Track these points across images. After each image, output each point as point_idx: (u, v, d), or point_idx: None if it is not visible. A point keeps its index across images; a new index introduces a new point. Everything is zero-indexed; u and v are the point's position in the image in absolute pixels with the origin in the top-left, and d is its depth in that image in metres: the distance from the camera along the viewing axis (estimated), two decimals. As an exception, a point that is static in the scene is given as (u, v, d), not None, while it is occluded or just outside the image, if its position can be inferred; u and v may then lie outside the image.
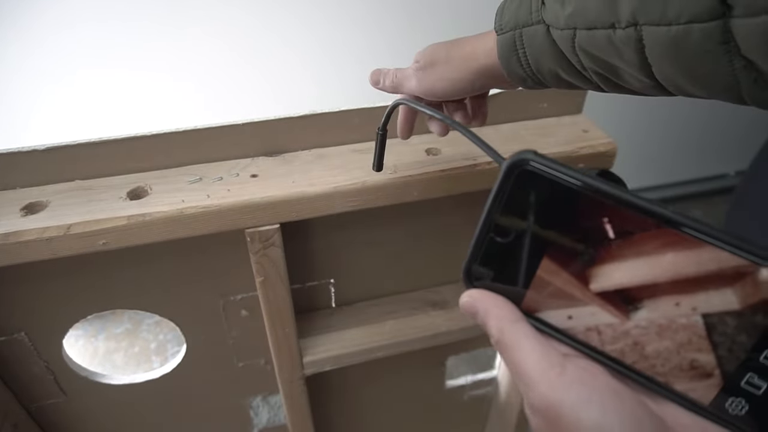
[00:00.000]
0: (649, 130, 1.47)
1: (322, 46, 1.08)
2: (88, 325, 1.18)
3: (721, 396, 0.23)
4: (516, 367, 0.25)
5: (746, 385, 0.22)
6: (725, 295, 0.22)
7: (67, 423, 0.59)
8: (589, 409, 0.22)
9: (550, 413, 0.23)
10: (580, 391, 0.23)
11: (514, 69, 0.36)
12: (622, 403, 0.23)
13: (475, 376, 0.79)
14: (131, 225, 0.43)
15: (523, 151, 0.25)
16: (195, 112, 1.09)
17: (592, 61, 0.31)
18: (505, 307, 0.27)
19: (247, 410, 0.67)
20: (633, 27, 0.28)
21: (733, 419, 0.23)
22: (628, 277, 0.24)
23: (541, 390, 0.23)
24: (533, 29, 0.34)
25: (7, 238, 0.41)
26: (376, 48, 1.12)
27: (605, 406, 0.22)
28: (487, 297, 0.27)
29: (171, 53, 1.01)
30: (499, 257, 0.27)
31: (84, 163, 0.47)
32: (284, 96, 1.11)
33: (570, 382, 0.23)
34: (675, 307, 0.23)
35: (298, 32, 1.06)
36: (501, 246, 0.27)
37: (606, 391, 0.23)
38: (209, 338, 0.57)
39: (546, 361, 0.24)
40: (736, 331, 0.22)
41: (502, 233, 0.27)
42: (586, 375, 0.24)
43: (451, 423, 0.84)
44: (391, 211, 0.51)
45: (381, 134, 0.44)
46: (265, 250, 0.48)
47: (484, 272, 0.28)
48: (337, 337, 0.59)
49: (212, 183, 0.47)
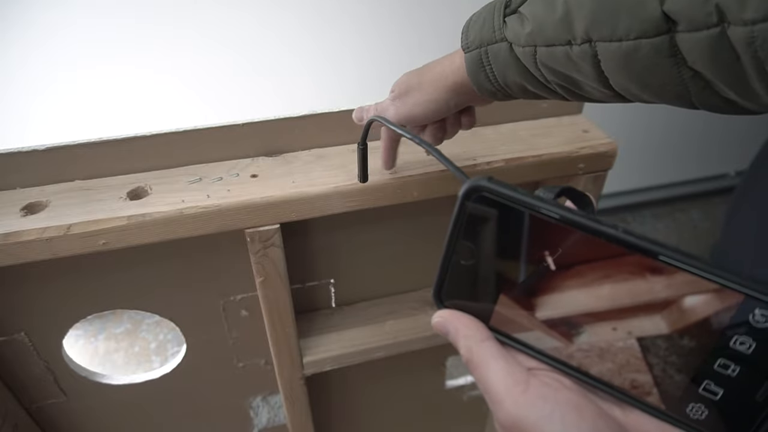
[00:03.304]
0: (649, 130, 1.47)
1: (322, 46, 1.08)
2: (88, 325, 1.18)
3: (682, 402, 0.24)
4: (484, 385, 0.26)
5: (704, 391, 0.24)
6: (655, 321, 0.24)
7: (67, 423, 0.59)
8: (551, 424, 0.23)
9: (516, 429, 0.24)
10: (542, 407, 0.24)
11: (483, 84, 0.38)
12: (582, 416, 0.24)
13: (475, 376, 0.79)
14: (131, 225, 0.43)
15: (478, 177, 0.26)
16: (195, 112, 1.09)
17: (553, 74, 0.33)
18: (473, 327, 0.28)
19: (247, 410, 0.67)
20: (587, 43, 0.30)
21: (695, 423, 0.24)
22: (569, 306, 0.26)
23: (507, 407, 0.25)
24: (497, 47, 0.36)
25: (7, 238, 0.41)
26: (376, 48, 1.12)
27: (566, 421, 0.23)
28: (456, 317, 0.29)
29: (171, 53, 1.01)
30: (465, 278, 0.28)
31: (84, 163, 0.47)
32: (284, 96, 1.11)
33: (533, 398, 0.24)
34: (612, 331, 0.25)
35: (298, 32, 1.06)
36: (466, 268, 0.28)
37: (567, 406, 0.24)
38: (209, 338, 0.57)
39: (511, 379, 0.25)
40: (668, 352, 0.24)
41: (464, 256, 0.28)
42: (549, 391, 0.25)
43: (451, 423, 0.84)
44: (391, 211, 0.51)
45: (362, 149, 0.46)
46: (265, 250, 0.48)
47: (452, 293, 0.29)
48: (337, 337, 0.59)
49: (212, 183, 0.47)
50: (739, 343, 0.22)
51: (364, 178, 0.48)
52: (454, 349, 0.26)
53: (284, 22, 1.04)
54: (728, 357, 0.23)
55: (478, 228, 0.27)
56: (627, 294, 0.24)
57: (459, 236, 0.27)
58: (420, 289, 0.65)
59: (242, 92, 1.09)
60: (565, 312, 0.26)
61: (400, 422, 0.80)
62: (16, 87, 0.97)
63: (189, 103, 1.08)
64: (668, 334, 0.24)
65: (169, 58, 1.01)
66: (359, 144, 0.45)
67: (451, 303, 0.29)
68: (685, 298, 0.23)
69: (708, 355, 0.23)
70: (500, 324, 0.28)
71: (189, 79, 1.04)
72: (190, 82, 1.05)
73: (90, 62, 0.97)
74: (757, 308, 0.22)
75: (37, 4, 0.90)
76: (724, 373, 0.23)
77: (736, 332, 0.22)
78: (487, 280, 0.28)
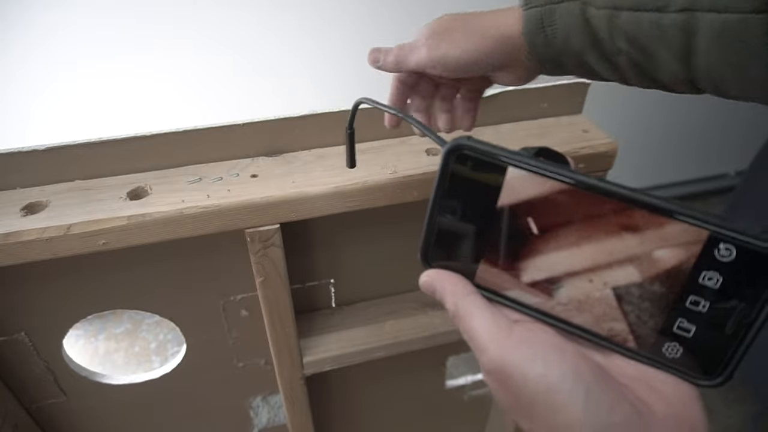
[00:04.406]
0: (649, 130, 1.47)
1: (322, 46, 1.08)
2: (88, 325, 1.18)
3: (658, 343, 0.25)
4: (470, 335, 0.27)
5: (678, 330, 0.25)
6: (629, 271, 0.25)
7: (67, 423, 0.59)
8: (533, 365, 0.24)
9: (501, 373, 0.25)
10: (525, 350, 0.25)
11: (538, 48, 0.34)
12: (564, 357, 0.24)
13: (475, 376, 0.79)
14: (131, 225, 0.43)
15: (459, 137, 0.27)
16: (195, 112, 1.09)
17: (629, 44, 0.31)
18: (458, 283, 0.29)
19: (247, 410, 0.67)
20: (686, 12, 0.27)
21: (671, 362, 0.25)
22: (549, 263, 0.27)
23: (491, 353, 0.25)
24: (565, 6, 0.32)
25: (7, 238, 0.41)
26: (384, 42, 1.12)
27: (548, 361, 0.24)
28: (442, 275, 0.30)
29: (171, 53, 1.01)
30: (449, 238, 0.29)
31: (84, 163, 0.47)
32: (284, 96, 1.11)
33: (516, 342, 0.25)
34: (589, 283, 0.26)
35: (298, 33, 1.06)
36: (450, 228, 0.29)
37: (549, 348, 0.25)
38: (209, 338, 0.57)
39: (495, 327, 0.26)
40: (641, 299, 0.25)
41: (448, 216, 0.29)
42: (531, 335, 0.26)
43: (451, 423, 0.84)
44: (391, 211, 0.51)
45: (349, 133, 0.44)
46: (265, 250, 0.48)
47: (438, 253, 0.30)
48: (337, 337, 0.59)
49: (212, 183, 0.47)
50: (707, 279, 0.24)
51: (353, 164, 0.46)
52: (455, 349, 0.27)
53: (284, 23, 1.04)
54: (698, 294, 0.24)
55: (461, 187, 0.28)
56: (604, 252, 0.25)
57: (442, 196, 0.29)
58: (420, 289, 0.65)
59: (242, 92, 1.09)
60: (545, 267, 0.27)
61: (400, 422, 0.80)
62: (17, 87, 0.97)
63: (189, 103, 1.08)
64: (641, 282, 0.25)
65: (169, 58, 1.01)
66: (347, 128, 0.44)
67: (437, 263, 0.30)
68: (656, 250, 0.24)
69: (679, 294, 0.24)
70: (484, 281, 0.29)
71: (189, 79, 1.04)
72: (190, 82, 1.05)
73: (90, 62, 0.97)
74: (722, 243, 0.23)
75: (37, 5, 0.90)
76: (695, 310, 0.24)
77: (704, 269, 0.24)
78: (470, 239, 0.29)
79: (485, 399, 0.83)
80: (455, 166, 0.27)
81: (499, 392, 0.26)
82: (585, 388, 0.23)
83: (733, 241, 0.23)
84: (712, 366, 0.25)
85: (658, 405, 0.24)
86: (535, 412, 0.24)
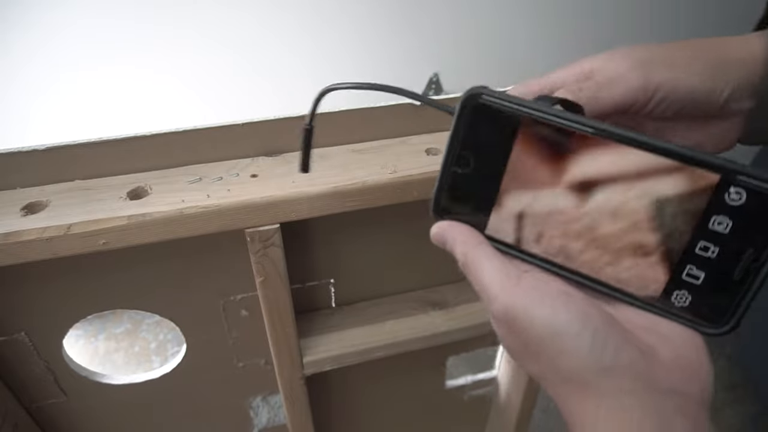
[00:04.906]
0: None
1: (321, 47, 1.08)
2: (88, 325, 1.18)
3: (667, 291, 0.25)
4: (479, 284, 0.27)
5: (687, 277, 0.25)
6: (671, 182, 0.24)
7: (67, 423, 0.59)
8: (541, 309, 0.25)
9: (508, 318, 0.26)
10: (533, 295, 0.25)
11: None
12: (572, 302, 0.25)
13: (475, 376, 0.79)
14: (131, 225, 0.43)
15: (476, 86, 0.27)
16: (194, 112, 1.09)
17: None
18: (469, 234, 0.29)
19: (247, 410, 0.67)
20: None
21: (679, 311, 0.26)
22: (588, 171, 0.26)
23: (500, 299, 0.26)
24: None
25: (7, 238, 0.41)
26: (375, 48, 1.12)
27: (555, 306, 0.25)
28: (453, 226, 0.30)
29: (171, 54, 1.01)
30: (462, 189, 0.30)
31: (84, 163, 0.47)
32: (284, 96, 1.11)
33: (525, 288, 0.26)
34: (627, 192, 0.25)
35: (297, 33, 1.06)
36: (463, 178, 0.29)
37: (556, 293, 0.25)
38: (209, 338, 0.57)
39: (504, 275, 0.27)
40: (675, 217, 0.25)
41: (463, 165, 0.29)
42: (539, 283, 0.26)
43: (451, 423, 0.84)
44: (391, 211, 0.51)
45: (307, 129, 0.38)
46: (265, 250, 0.48)
47: (450, 204, 0.30)
48: (337, 337, 0.59)
49: (212, 183, 0.47)
50: (717, 223, 0.24)
51: (306, 168, 0.40)
52: (455, 349, 0.27)
53: (284, 24, 1.04)
54: (708, 239, 0.24)
55: (477, 136, 0.28)
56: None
57: (457, 146, 0.29)
58: (420, 289, 0.65)
59: (242, 92, 1.09)
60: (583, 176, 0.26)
61: (400, 422, 0.80)
62: (18, 88, 0.97)
63: (189, 103, 1.08)
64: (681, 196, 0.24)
65: (169, 58, 1.01)
66: (306, 124, 0.38)
67: (449, 216, 0.31)
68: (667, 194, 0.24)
69: (689, 239, 0.25)
70: (495, 232, 0.29)
71: (189, 79, 1.05)
72: (190, 81, 1.05)
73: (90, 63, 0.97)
74: (732, 186, 0.23)
75: (37, 6, 0.90)
76: (704, 256, 0.24)
77: (714, 213, 0.24)
78: (483, 189, 0.29)
79: (485, 399, 0.83)
80: (472, 114, 0.27)
81: (507, 338, 0.27)
82: (592, 331, 0.24)
83: (743, 184, 0.23)
84: (719, 314, 0.25)
85: (664, 350, 0.24)
86: (543, 356, 0.25)
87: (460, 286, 0.64)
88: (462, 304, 0.62)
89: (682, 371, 0.24)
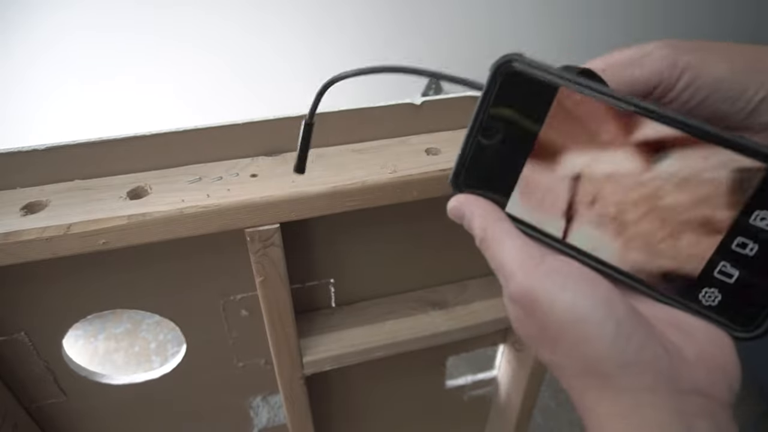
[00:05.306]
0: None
1: (322, 47, 1.08)
2: (88, 325, 1.18)
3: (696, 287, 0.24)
4: (497, 261, 0.26)
5: (719, 274, 0.23)
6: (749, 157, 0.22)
7: (67, 423, 0.59)
8: (563, 293, 0.23)
9: (526, 300, 0.24)
10: (554, 278, 0.24)
11: None
12: (597, 287, 0.23)
13: (475, 376, 0.79)
14: (131, 225, 0.43)
15: (508, 53, 0.26)
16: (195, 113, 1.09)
17: None
18: (489, 208, 0.28)
19: (247, 410, 0.67)
20: None
21: (705, 310, 0.24)
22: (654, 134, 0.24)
23: (519, 279, 0.24)
24: None
25: (7, 238, 0.41)
26: (374, 48, 1.12)
27: (579, 291, 0.23)
28: (473, 200, 0.28)
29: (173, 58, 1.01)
30: (486, 161, 0.28)
31: (84, 163, 0.47)
32: (284, 99, 1.12)
33: (547, 270, 0.24)
34: (703, 160, 0.23)
35: (298, 33, 1.06)
36: (488, 149, 0.28)
37: (580, 278, 0.24)
38: (209, 338, 0.57)
39: (525, 254, 0.25)
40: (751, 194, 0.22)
41: (489, 136, 0.27)
42: (563, 265, 0.24)
43: (451, 423, 0.84)
44: (391, 211, 0.51)
45: (308, 125, 0.36)
46: (265, 250, 0.48)
47: (471, 178, 0.29)
48: (337, 337, 0.59)
49: (212, 183, 0.47)
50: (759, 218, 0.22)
51: (302, 168, 0.38)
52: (455, 349, 0.26)
53: (284, 24, 1.04)
54: (747, 235, 0.22)
55: (507, 105, 0.26)
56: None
57: (485, 114, 0.27)
58: (420, 289, 0.65)
59: (242, 92, 1.09)
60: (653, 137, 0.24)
61: (400, 422, 0.80)
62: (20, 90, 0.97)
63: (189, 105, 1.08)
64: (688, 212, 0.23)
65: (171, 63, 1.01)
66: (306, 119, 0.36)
67: (469, 189, 0.29)
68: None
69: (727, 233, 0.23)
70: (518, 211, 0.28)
71: (190, 81, 1.05)
72: (190, 83, 1.05)
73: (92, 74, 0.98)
74: None
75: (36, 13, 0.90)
76: (741, 252, 0.22)
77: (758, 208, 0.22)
78: (508, 162, 0.27)
79: (485, 399, 0.83)
80: (503, 83, 0.26)
81: (522, 322, 0.25)
82: (615, 321, 0.22)
83: None
84: (750, 317, 0.23)
85: (689, 348, 0.23)
86: (561, 343, 0.23)
87: (460, 286, 0.64)
88: (462, 304, 0.62)
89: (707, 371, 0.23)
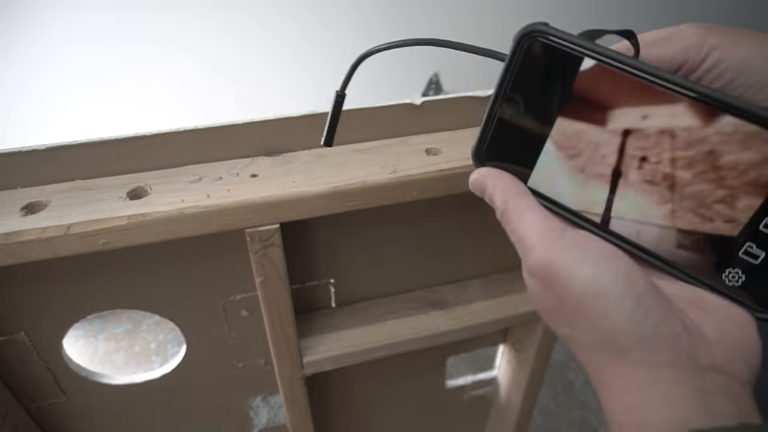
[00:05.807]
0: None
1: (321, 47, 1.09)
2: (88, 325, 1.18)
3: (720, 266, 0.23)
4: (517, 234, 0.26)
5: (744, 255, 0.23)
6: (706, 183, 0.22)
7: (67, 423, 0.59)
8: (583, 267, 0.23)
9: (546, 273, 0.24)
10: (575, 252, 0.24)
11: None
12: (617, 262, 0.23)
13: (475, 376, 0.79)
14: (131, 225, 0.43)
15: (534, 23, 0.25)
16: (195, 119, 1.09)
17: None
18: (511, 182, 0.28)
19: (247, 410, 0.67)
20: None
21: (728, 290, 0.24)
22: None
23: (538, 252, 0.24)
24: None
25: (7, 238, 0.41)
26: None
27: (599, 265, 0.23)
28: (495, 173, 0.28)
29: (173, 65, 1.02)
30: (508, 134, 0.28)
31: (84, 163, 0.47)
32: (289, 97, 1.12)
33: (567, 244, 0.24)
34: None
35: (297, 33, 1.06)
36: (510, 122, 0.27)
37: (601, 253, 0.24)
38: (209, 338, 0.57)
39: (546, 227, 0.25)
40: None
41: (512, 108, 0.27)
42: (584, 239, 0.24)
43: (451, 423, 0.84)
44: (391, 211, 0.51)
45: (339, 96, 0.36)
46: (265, 250, 0.48)
47: (493, 150, 0.29)
48: (337, 337, 0.59)
49: (212, 183, 0.47)
50: None
51: (330, 141, 0.38)
52: (455, 349, 0.26)
53: (283, 25, 1.04)
54: None
55: (530, 78, 0.26)
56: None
57: (509, 86, 0.27)
58: (420, 289, 0.65)
59: (242, 93, 1.09)
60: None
61: (400, 422, 0.80)
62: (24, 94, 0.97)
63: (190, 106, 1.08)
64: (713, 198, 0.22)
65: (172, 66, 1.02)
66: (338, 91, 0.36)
67: (491, 163, 0.29)
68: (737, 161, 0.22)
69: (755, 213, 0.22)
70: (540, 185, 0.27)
71: (190, 81, 1.05)
72: (191, 83, 1.05)
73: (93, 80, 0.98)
74: None
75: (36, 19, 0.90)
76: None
77: None
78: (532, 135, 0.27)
79: (485, 399, 0.83)
80: (527, 54, 0.25)
81: (541, 295, 0.25)
82: (635, 296, 0.22)
83: None
84: None
85: (709, 327, 0.23)
86: (579, 317, 0.23)
87: (460, 286, 0.64)
88: (462, 304, 0.62)
89: (727, 350, 0.22)
